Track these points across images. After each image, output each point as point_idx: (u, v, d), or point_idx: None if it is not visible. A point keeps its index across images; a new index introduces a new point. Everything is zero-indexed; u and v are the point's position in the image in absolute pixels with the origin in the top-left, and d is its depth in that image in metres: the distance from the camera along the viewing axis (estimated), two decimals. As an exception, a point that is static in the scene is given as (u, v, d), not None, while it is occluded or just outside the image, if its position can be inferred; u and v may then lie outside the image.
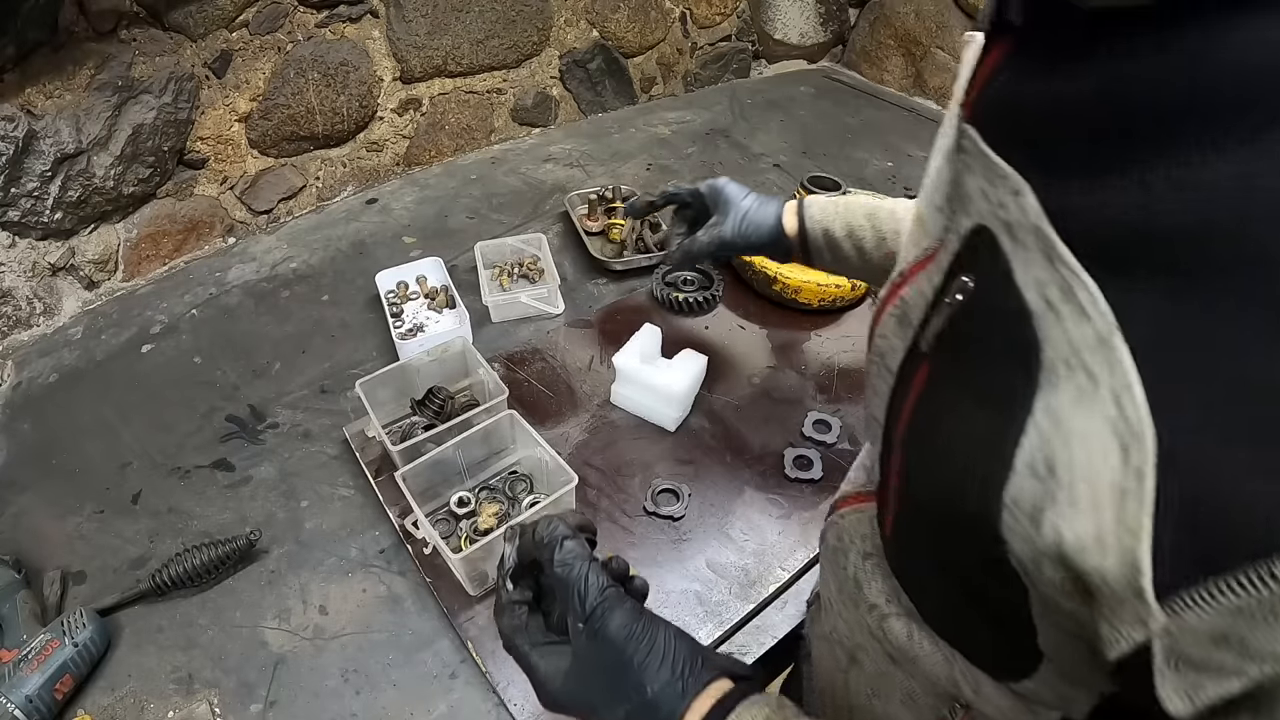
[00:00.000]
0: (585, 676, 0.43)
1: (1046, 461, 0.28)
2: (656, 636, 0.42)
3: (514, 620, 0.46)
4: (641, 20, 1.82)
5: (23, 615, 0.72)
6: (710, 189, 0.89)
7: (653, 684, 0.41)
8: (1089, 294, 0.27)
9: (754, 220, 0.85)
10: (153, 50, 1.13)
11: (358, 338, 1.12)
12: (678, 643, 0.42)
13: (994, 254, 0.32)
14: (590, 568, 0.43)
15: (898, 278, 0.41)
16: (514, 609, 0.46)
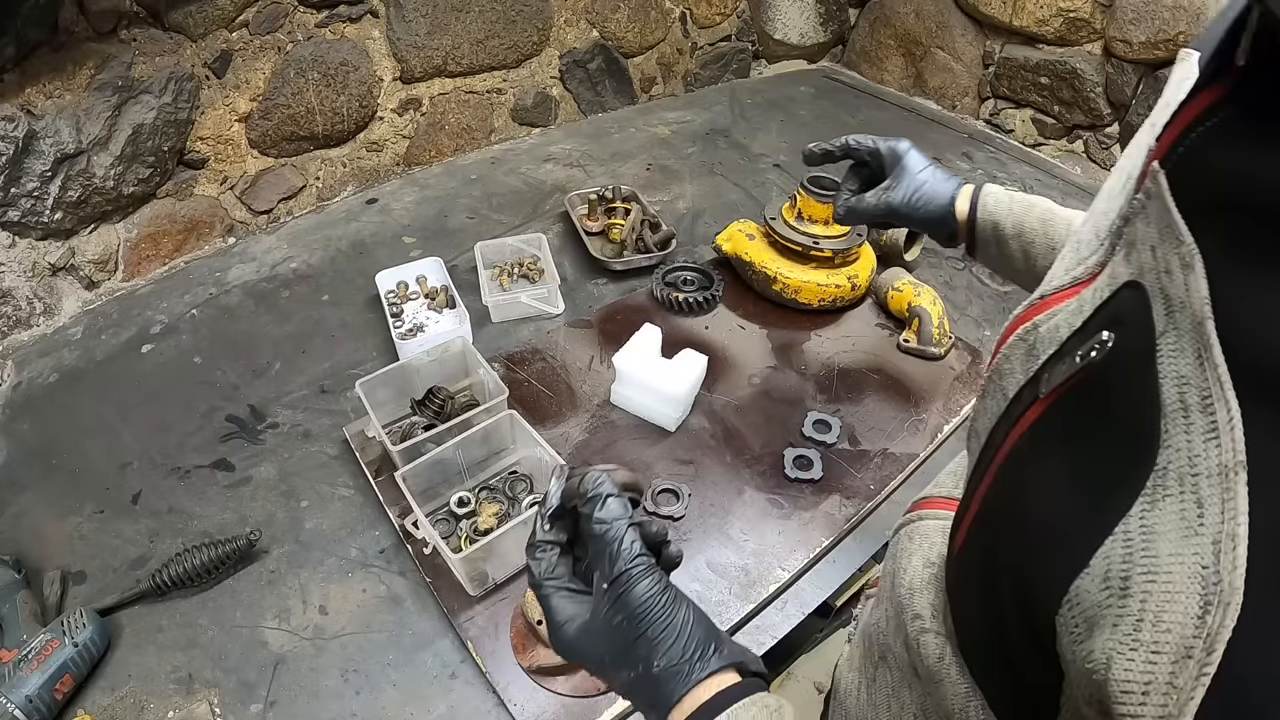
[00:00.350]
0: (599, 634, 0.43)
1: (1122, 579, 0.25)
2: (676, 614, 0.42)
3: (543, 560, 0.46)
4: (641, 20, 1.82)
5: (23, 615, 0.72)
6: (890, 151, 0.84)
7: (660, 660, 0.41)
8: (1229, 415, 0.24)
9: (926, 194, 0.80)
10: (153, 50, 1.13)
11: (358, 338, 1.12)
12: (695, 625, 0.42)
13: (1143, 322, 0.28)
14: (627, 531, 0.43)
15: (1038, 299, 0.38)
16: (546, 549, 0.46)
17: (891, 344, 1.15)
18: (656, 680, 0.41)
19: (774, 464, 0.95)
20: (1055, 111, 1.84)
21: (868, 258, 1.23)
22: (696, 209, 1.48)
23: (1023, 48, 1.85)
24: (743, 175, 1.62)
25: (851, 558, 0.88)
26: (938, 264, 1.37)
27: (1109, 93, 1.72)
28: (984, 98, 1.99)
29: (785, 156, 1.70)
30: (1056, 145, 1.88)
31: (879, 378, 1.10)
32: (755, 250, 1.20)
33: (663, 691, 0.41)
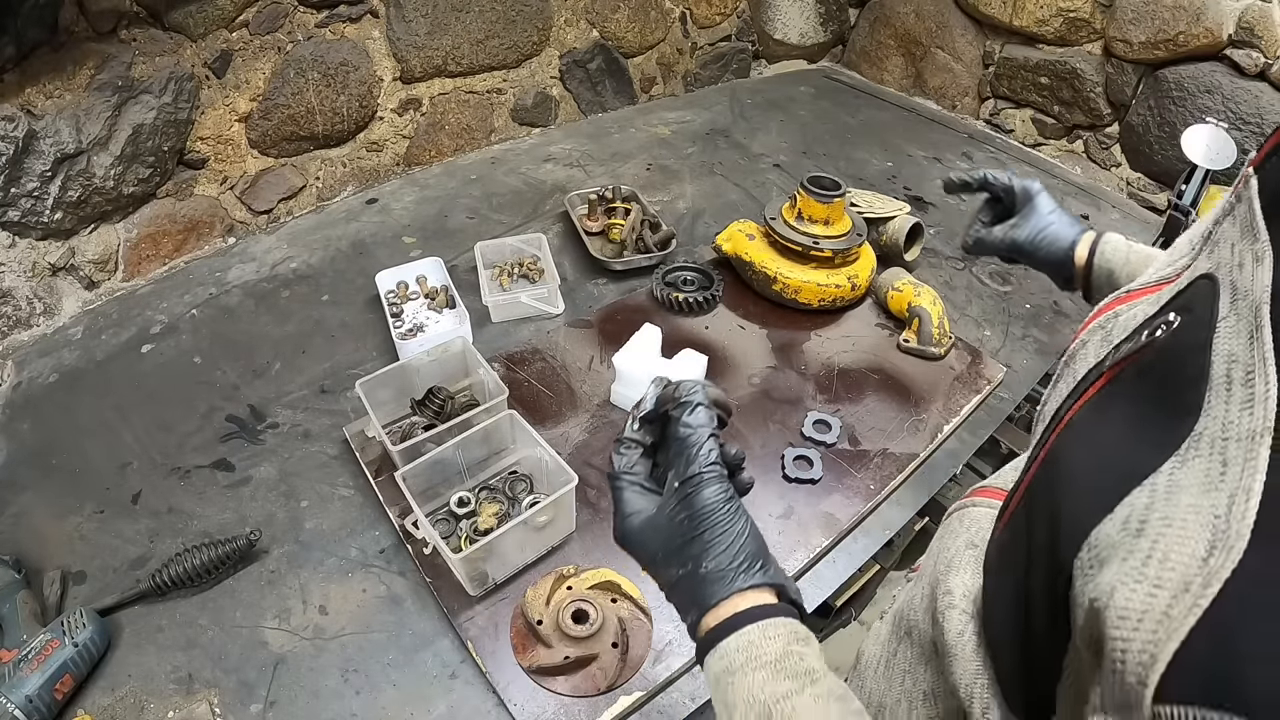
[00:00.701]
0: (659, 529, 0.46)
1: (1140, 522, 0.28)
2: (734, 524, 0.45)
3: (626, 455, 0.50)
4: (641, 20, 1.82)
5: (23, 615, 0.72)
6: (1023, 190, 0.85)
7: (709, 563, 0.44)
8: (1267, 386, 0.26)
9: (1050, 236, 0.81)
10: (153, 50, 1.13)
11: (358, 338, 1.12)
12: (749, 540, 0.45)
13: (1209, 309, 0.31)
14: (708, 439, 0.46)
15: (1124, 293, 0.41)
16: (630, 445, 0.51)
17: (891, 344, 1.15)
18: (701, 580, 0.43)
19: (774, 464, 0.95)
20: (1055, 111, 1.84)
21: (868, 258, 1.23)
22: (696, 209, 1.48)
23: (1023, 48, 1.85)
24: (743, 175, 1.62)
25: (851, 558, 0.88)
26: (938, 264, 1.37)
27: (1109, 93, 1.72)
28: (984, 98, 1.99)
29: (785, 156, 1.70)
30: (1056, 145, 1.88)
31: (879, 378, 1.10)
32: (755, 250, 1.20)
33: (704, 593, 0.43)
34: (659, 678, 0.72)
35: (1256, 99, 1.46)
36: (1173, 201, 1.37)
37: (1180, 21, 1.52)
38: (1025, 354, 1.19)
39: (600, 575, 0.77)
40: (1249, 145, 1.46)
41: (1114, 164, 1.77)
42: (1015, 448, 1.36)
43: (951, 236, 1.46)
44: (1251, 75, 1.47)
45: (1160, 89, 1.61)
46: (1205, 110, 1.52)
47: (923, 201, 1.56)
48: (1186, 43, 1.52)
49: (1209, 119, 1.35)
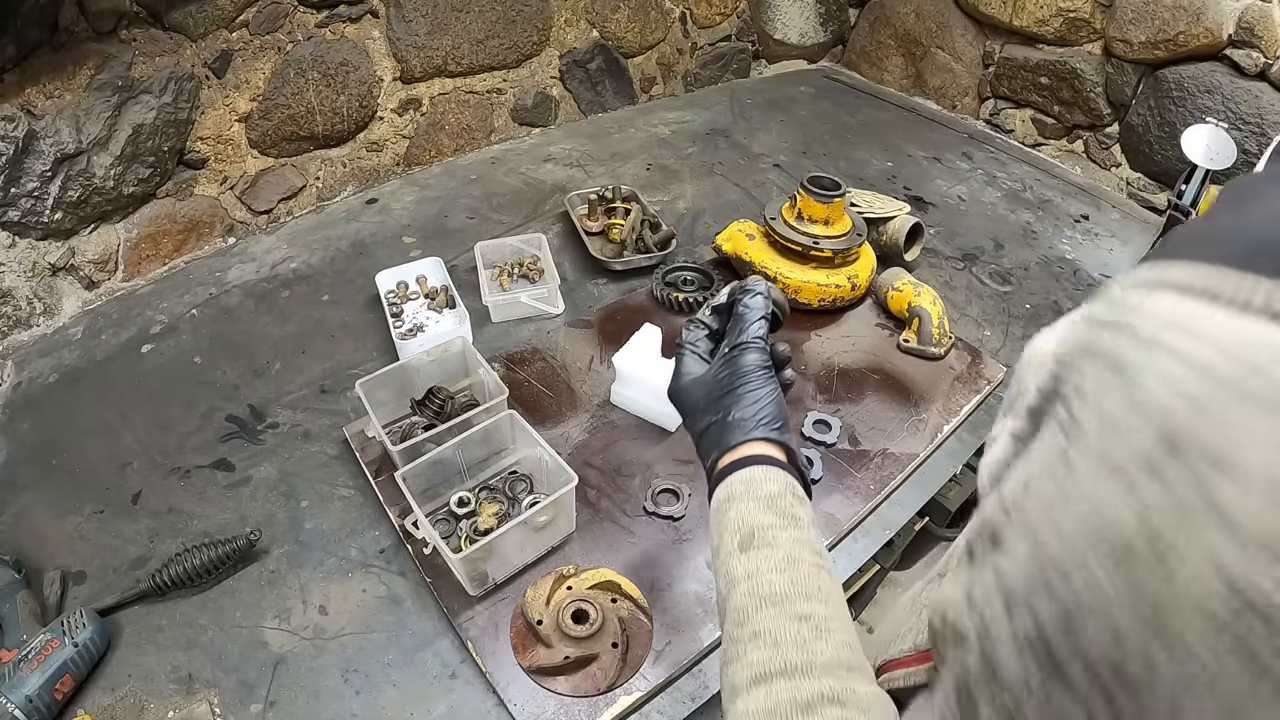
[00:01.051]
0: (704, 385, 0.56)
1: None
2: (765, 388, 0.53)
3: (693, 331, 0.61)
4: (641, 20, 1.82)
5: (23, 615, 0.72)
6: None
7: (736, 412, 0.52)
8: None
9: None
10: (153, 50, 1.13)
11: (358, 338, 1.12)
12: (774, 404, 0.53)
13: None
14: (760, 320, 0.56)
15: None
16: (698, 324, 0.61)
17: (891, 344, 1.15)
18: (726, 427, 0.52)
19: (774, 464, 0.95)
20: (1055, 111, 1.84)
21: (868, 258, 1.23)
22: (696, 209, 1.48)
23: (1023, 48, 1.85)
24: (743, 175, 1.62)
25: (852, 558, 0.88)
26: (938, 264, 1.37)
27: (1109, 93, 1.72)
28: (984, 98, 1.99)
29: (785, 156, 1.70)
30: (1056, 145, 1.88)
31: (879, 378, 1.10)
32: (755, 250, 1.20)
33: (726, 436, 0.52)
34: (659, 678, 0.72)
35: (1256, 99, 1.46)
36: (1173, 201, 1.37)
37: (1180, 21, 1.52)
38: (1025, 354, 1.19)
39: (600, 575, 0.77)
40: (1249, 145, 1.47)
41: (1114, 164, 1.77)
42: (1015, 448, 1.36)
43: (952, 236, 1.46)
44: (1251, 75, 1.47)
45: (1160, 89, 1.61)
46: (1205, 110, 1.52)
47: (923, 201, 1.56)
48: (1186, 43, 1.52)
49: (1209, 119, 1.35)
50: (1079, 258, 1.44)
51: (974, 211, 1.55)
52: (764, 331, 0.56)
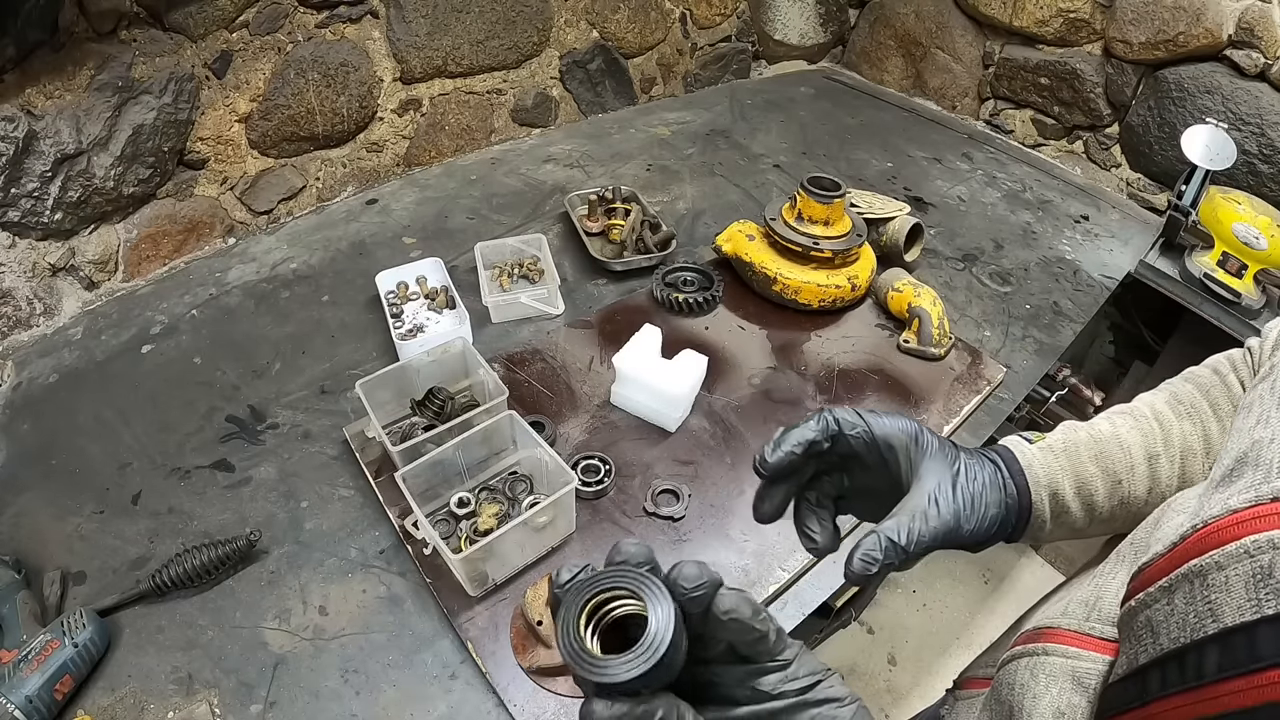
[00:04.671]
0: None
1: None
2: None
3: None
4: (641, 21, 1.82)
5: (23, 615, 0.72)
6: (885, 442, 0.48)
7: None
8: None
9: (979, 496, 0.49)
10: (153, 50, 1.13)
11: (358, 338, 1.12)
12: None
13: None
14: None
15: (1270, 500, 0.30)
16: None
17: (891, 344, 1.15)
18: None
19: (774, 464, 0.95)
20: (1055, 112, 1.84)
21: (868, 258, 1.23)
22: (696, 209, 1.48)
23: (1023, 48, 1.85)
24: (743, 175, 1.62)
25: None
26: (938, 264, 1.37)
27: (1109, 93, 1.72)
28: (984, 98, 1.99)
29: (785, 157, 1.70)
30: (1056, 145, 1.88)
31: (879, 378, 1.10)
32: (755, 251, 1.20)
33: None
34: (659, 678, 0.72)
35: (1256, 99, 1.46)
36: (1173, 202, 1.37)
37: (1180, 22, 1.52)
38: (1025, 354, 1.19)
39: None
40: (1249, 145, 1.47)
41: (1114, 164, 1.77)
42: (1015, 448, 1.36)
43: (952, 237, 1.46)
44: (1251, 75, 1.47)
45: (1160, 89, 1.61)
46: (1205, 111, 1.52)
47: (923, 202, 1.56)
48: (1186, 43, 1.52)
49: (1209, 119, 1.35)
50: (1079, 258, 1.44)
51: (974, 212, 1.56)
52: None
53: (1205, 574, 0.30)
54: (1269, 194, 1.46)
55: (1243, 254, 1.29)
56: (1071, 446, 0.52)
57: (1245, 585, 0.28)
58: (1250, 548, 0.28)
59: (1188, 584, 0.31)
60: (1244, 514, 0.30)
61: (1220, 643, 0.28)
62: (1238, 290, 1.28)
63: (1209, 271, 1.32)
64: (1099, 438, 0.52)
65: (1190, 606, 0.30)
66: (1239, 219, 1.27)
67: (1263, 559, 0.28)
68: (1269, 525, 0.29)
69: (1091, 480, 0.50)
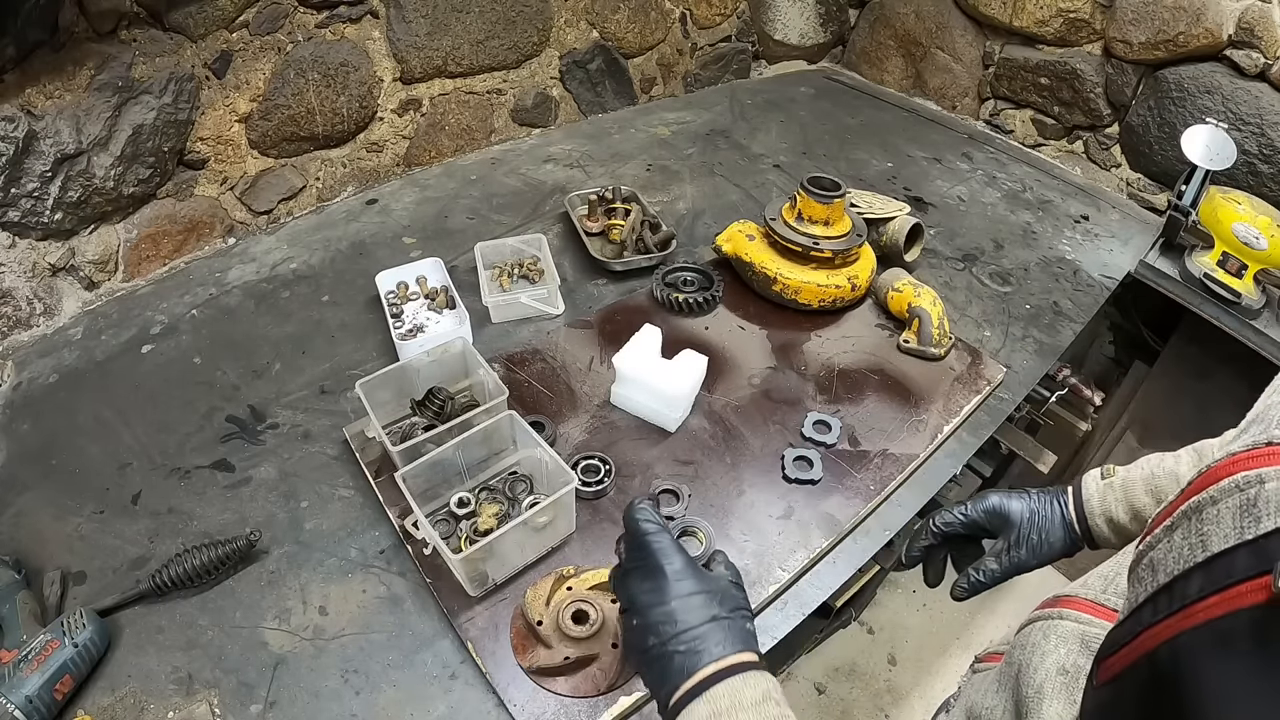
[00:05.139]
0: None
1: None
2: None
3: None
4: (641, 21, 1.82)
5: (23, 615, 0.72)
6: (990, 515, 0.77)
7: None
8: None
9: (1044, 533, 0.74)
10: (153, 50, 1.13)
11: (358, 338, 1.12)
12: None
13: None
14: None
15: (1265, 444, 0.33)
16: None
17: (891, 344, 1.15)
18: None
19: (774, 464, 0.95)
20: (1055, 112, 1.84)
21: (868, 258, 1.23)
22: (696, 209, 1.48)
23: (1023, 48, 1.85)
24: (743, 175, 1.62)
25: (851, 558, 0.88)
26: (938, 264, 1.37)
27: (1109, 93, 1.72)
28: (984, 98, 1.99)
29: (785, 157, 1.70)
30: (1056, 145, 1.88)
31: (879, 378, 1.10)
32: (755, 251, 1.20)
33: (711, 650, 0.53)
34: (659, 678, 0.72)
35: (1256, 99, 1.46)
36: (1173, 202, 1.37)
37: (1180, 22, 1.52)
38: (1025, 354, 1.19)
39: (600, 575, 0.77)
40: (1249, 146, 1.47)
41: (1114, 164, 1.77)
42: (1015, 448, 1.36)
43: (952, 237, 1.46)
44: (1251, 76, 1.47)
45: (1160, 89, 1.61)
46: (1205, 111, 1.52)
47: (923, 202, 1.56)
48: (1186, 43, 1.52)
49: (1209, 119, 1.36)
50: (1079, 258, 1.44)
51: (974, 212, 1.56)
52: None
53: (1201, 509, 0.33)
54: (1269, 194, 1.46)
55: (1243, 254, 1.29)
56: (1129, 482, 0.70)
57: (1233, 516, 0.31)
58: (1240, 482, 0.31)
59: (1186, 520, 0.34)
60: (1240, 456, 0.33)
61: (1204, 568, 0.31)
62: (1238, 290, 1.28)
63: (1209, 271, 1.32)
64: (1156, 474, 0.69)
65: (1185, 540, 0.33)
66: (1239, 219, 1.27)
67: (1250, 491, 0.31)
68: (1260, 464, 0.31)
69: (1145, 508, 0.68)
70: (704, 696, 0.49)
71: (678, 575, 0.55)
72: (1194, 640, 0.30)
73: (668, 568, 0.55)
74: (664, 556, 0.55)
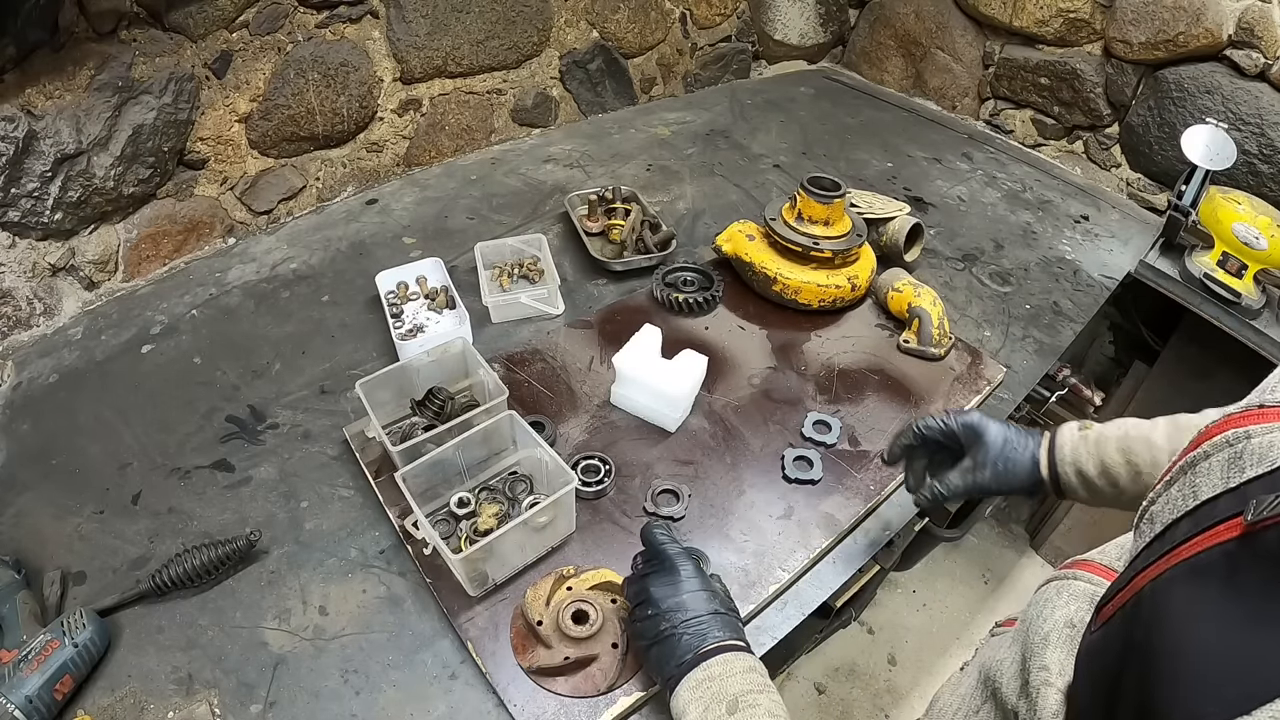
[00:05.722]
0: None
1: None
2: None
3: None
4: (641, 21, 1.82)
5: (23, 615, 0.72)
6: (966, 428, 0.78)
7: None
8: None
9: (1011, 464, 0.76)
10: (153, 51, 1.13)
11: (358, 338, 1.12)
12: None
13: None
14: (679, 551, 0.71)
15: (1258, 407, 0.35)
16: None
17: (891, 344, 1.15)
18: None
19: (774, 464, 0.95)
20: (1055, 112, 1.84)
21: (868, 258, 1.23)
22: (696, 209, 1.48)
23: (1023, 48, 1.85)
24: (743, 175, 1.62)
25: (851, 559, 0.88)
26: (938, 265, 1.37)
27: (1109, 93, 1.72)
28: (984, 98, 1.99)
29: (785, 157, 1.70)
30: (1056, 145, 1.88)
31: (879, 378, 1.10)
32: (755, 251, 1.20)
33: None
34: (659, 678, 0.72)
35: (1256, 99, 1.46)
36: (1173, 202, 1.37)
37: (1180, 22, 1.52)
38: (1025, 354, 1.19)
39: (600, 576, 0.77)
40: (1249, 146, 1.47)
41: (1114, 164, 1.77)
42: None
43: (952, 237, 1.46)
44: (1251, 76, 1.47)
45: (1160, 89, 1.61)
46: (1205, 110, 1.52)
47: (923, 202, 1.56)
48: (1186, 43, 1.52)
49: (1209, 119, 1.35)
50: (1079, 258, 1.44)
51: (974, 212, 1.56)
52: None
53: (1195, 464, 0.36)
54: (1269, 194, 1.46)
55: (1243, 254, 1.29)
56: (1103, 439, 0.72)
57: (1221, 469, 0.34)
58: (1230, 438, 0.35)
59: (1182, 475, 0.37)
60: (1234, 416, 0.36)
61: (1192, 515, 0.34)
62: (1238, 290, 1.28)
63: (1209, 271, 1.32)
64: (1130, 435, 0.70)
65: (1180, 492, 0.36)
66: (1239, 219, 1.27)
67: (1238, 446, 0.34)
68: (1250, 422, 0.35)
69: (1115, 467, 0.70)
70: (703, 664, 0.61)
71: (689, 576, 0.67)
72: (1173, 576, 0.33)
73: (682, 570, 0.67)
74: (680, 561, 0.68)
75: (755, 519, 0.88)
